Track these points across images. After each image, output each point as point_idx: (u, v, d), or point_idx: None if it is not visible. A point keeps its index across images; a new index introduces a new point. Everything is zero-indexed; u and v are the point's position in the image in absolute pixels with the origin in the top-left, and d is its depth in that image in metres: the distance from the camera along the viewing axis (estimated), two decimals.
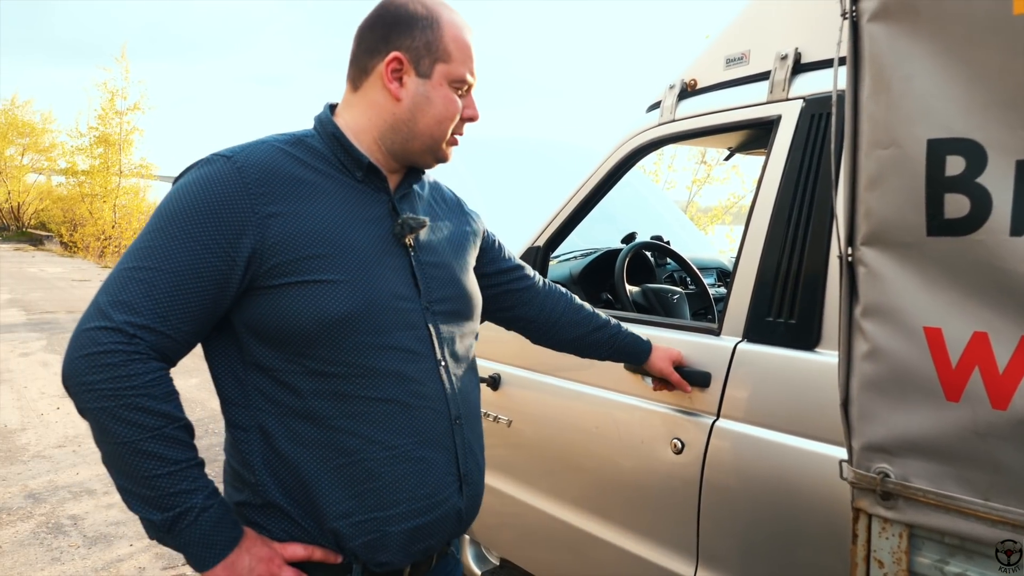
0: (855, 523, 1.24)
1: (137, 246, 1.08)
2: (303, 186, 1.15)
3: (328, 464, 1.13)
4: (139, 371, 1.02)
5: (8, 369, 6.89)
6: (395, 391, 1.16)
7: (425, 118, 1.21)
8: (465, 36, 1.22)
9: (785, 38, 1.74)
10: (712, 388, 1.71)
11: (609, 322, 1.70)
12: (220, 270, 1.07)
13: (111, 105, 23.20)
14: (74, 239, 23.52)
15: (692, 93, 1.96)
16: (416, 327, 1.20)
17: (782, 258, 1.62)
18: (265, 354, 1.13)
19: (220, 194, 1.08)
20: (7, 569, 3.16)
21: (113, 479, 1.06)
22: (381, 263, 1.18)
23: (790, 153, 1.66)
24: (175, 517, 1.04)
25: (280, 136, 1.21)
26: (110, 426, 1.02)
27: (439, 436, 1.21)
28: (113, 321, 1.03)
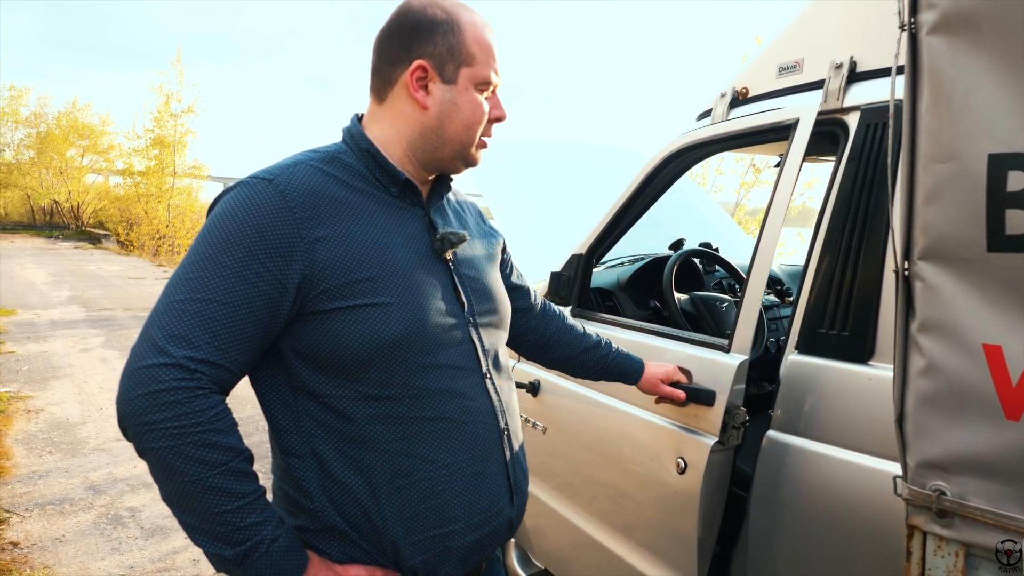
0: (909, 540, 1.22)
1: (186, 276, 1.06)
2: (345, 207, 1.13)
3: (386, 487, 1.13)
4: (203, 407, 1.01)
5: (69, 364, 7.15)
6: (447, 409, 1.16)
7: (454, 124, 1.20)
8: (486, 36, 1.20)
9: (840, 46, 1.72)
10: (717, 406, 1.70)
11: (600, 342, 1.68)
12: (272, 297, 1.06)
13: (166, 108, 23.87)
14: (130, 238, 24.24)
15: (744, 101, 1.95)
16: (462, 342, 1.20)
17: (836, 269, 1.60)
18: (316, 380, 1.12)
19: (266, 220, 1.06)
20: (70, 557, 3.29)
21: (177, 516, 1.04)
22: (426, 281, 1.17)
23: (845, 163, 1.64)
24: (247, 551, 1.03)
25: (313, 154, 1.18)
26: (177, 464, 0.99)
27: (491, 449, 1.22)
28: (172, 357, 1.00)
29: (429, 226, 1.23)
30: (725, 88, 1.99)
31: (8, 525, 3.59)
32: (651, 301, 2.49)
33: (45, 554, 3.32)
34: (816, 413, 1.60)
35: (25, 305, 10.85)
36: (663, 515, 1.79)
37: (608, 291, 2.53)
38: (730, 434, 1.66)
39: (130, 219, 25.16)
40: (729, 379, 1.66)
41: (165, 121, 24.02)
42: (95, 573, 3.16)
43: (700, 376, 1.74)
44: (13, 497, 3.94)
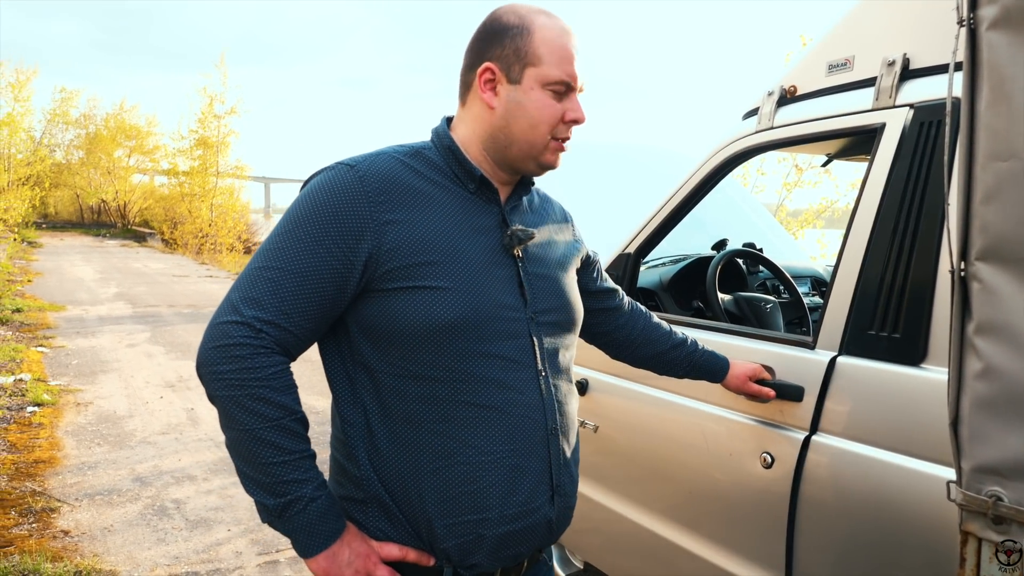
0: (963, 546, 1.20)
1: (267, 247, 1.16)
2: (418, 196, 1.20)
3: (426, 466, 1.17)
4: (263, 364, 1.10)
5: (116, 359, 7.34)
6: (493, 398, 1.19)
7: (519, 123, 1.23)
8: (559, 39, 1.22)
9: (892, 43, 1.69)
10: (806, 402, 1.68)
11: (686, 340, 1.69)
12: (339, 272, 1.13)
13: (210, 109, 24.38)
14: (174, 236, 24.79)
15: (791, 100, 1.93)
16: (519, 336, 1.23)
17: (886, 270, 1.58)
18: (372, 355, 1.19)
19: (342, 200, 1.15)
20: (118, 546, 3.38)
21: (234, 463, 1.14)
22: (489, 273, 1.21)
23: (896, 161, 1.61)
24: (286, 504, 1.11)
25: (399, 148, 1.26)
26: (235, 413, 1.09)
27: (534, 445, 1.23)
28: (243, 316, 1.10)
29: (502, 223, 1.28)
30: (772, 86, 1.96)
31: (59, 514, 3.70)
32: (694, 301, 2.47)
33: (94, 543, 3.41)
34: (865, 416, 1.57)
35: (74, 301, 11.17)
36: (748, 510, 1.78)
37: (651, 291, 2.52)
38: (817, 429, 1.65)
39: (174, 218, 25.74)
40: (819, 375, 1.65)
41: (209, 122, 24.54)
42: (142, 563, 3.24)
43: (783, 373, 1.74)
44: (64, 487, 4.06)
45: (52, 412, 5.42)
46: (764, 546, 1.75)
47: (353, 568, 1.15)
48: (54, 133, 33.01)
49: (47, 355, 7.36)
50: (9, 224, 15.97)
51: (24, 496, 3.88)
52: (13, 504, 3.77)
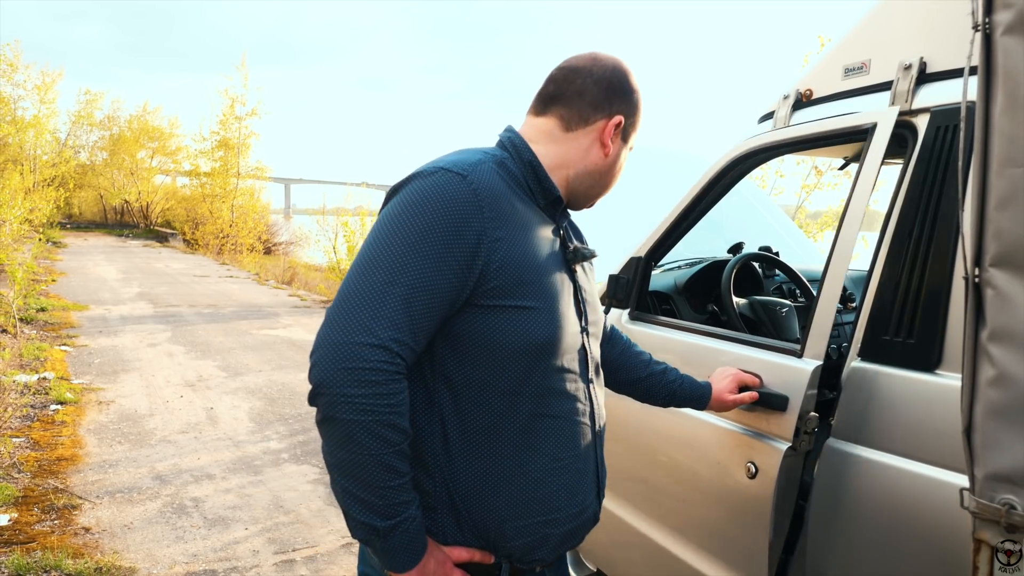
0: (976, 555, 1.19)
1: (388, 260, 1.11)
2: (515, 212, 1.21)
3: (502, 474, 1.21)
4: (397, 390, 1.09)
5: (138, 358, 7.44)
6: (563, 409, 1.26)
7: (614, 174, 1.36)
8: None
9: (909, 47, 1.68)
10: (790, 412, 1.67)
11: (666, 371, 1.69)
12: (456, 288, 1.13)
13: (231, 111, 24.62)
14: (195, 237, 25.04)
15: (807, 103, 1.92)
16: (579, 349, 1.30)
17: (902, 275, 1.57)
18: (456, 369, 1.19)
19: (462, 214, 1.14)
20: (138, 544, 3.43)
21: (340, 483, 1.11)
22: (563, 290, 1.26)
23: (912, 166, 1.60)
24: (395, 524, 1.12)
25: (486, 155, 1.26)
26: (361, 438, 1.07)
27: (588, 449, 1.31)
28: (379, 338, 1.07)
29: (563, 241, 1.33)
30: (788, 90, 1.96)
31: (80, 511, 3.76)
32: (709, 305, 2.46)
33: (114, 540, 3.46)
34: (879, 422, 1.56)
35: (97, 301, 11.32)
36: (732, 519, 1.78)
37: (665, 294, 2.51)
38: (802, 439, 1.65)
39: (195, 218, 25.99)
40: (803, 384, 1.65)
41: (230, 124, 24.78)
42: (160, 560, 3.28)
43: (771, 381, 1.73)
44: (85, 484, 4.12)
45: (75, 410, 5.51)
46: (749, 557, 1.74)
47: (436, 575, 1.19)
48: (79, 135, 33.51)
49: (70, 354, 7.47)
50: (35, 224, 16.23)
51: (47, 493, 3.94)
52: (36, 501, 3.84)
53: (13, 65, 24.27)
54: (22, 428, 5.00)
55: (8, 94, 24.48)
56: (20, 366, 6.62)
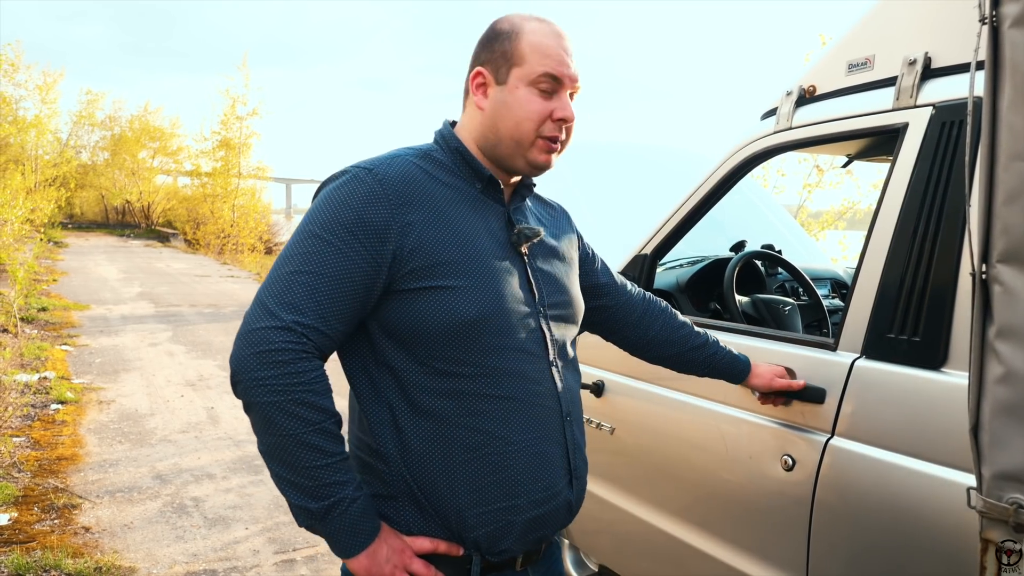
0: (983, 555, 1.17)
1: (296, 251, 1.17)
2: (435, 197, 1.23)
3: (456, 458, 1.20)
4: (306, 368, 1.11)
5: (139, 358, 7.43)
6: (515, 389, 1.23)
7: (504, 122, 1.25)
8: (545, 38, 1.25)
9: (913, 42, 1.67)
10: (827, 405, 1.66)
11: (708, 340, 1.68)
12: (368, 273, 1.16)
13: (232, 111, 24.60)
14: (196, 236, 25.04)
15: (810, 100, 1.91)
16: (532, 329, 1.27)
17: (906, 272, 1.55)
18: (397, 354, 1.21)
19: (365, 203, 1.17)
20: (138, 543, 3.42)
21: (271, 469, 1.14)
22: (502, 269, 1.25)
23: (917, 162, 1.58)
24: (329, 506, 1.12)
25: (409, 150, 1.29)
26: (277, 419, 1.09)
27: (553, 432, 1.28)
28: (283, 321, 1.11)
29: (508, 222, 1.31)
30: (791, 86, 1.94)
31: (81, 510, 3.75)
32: (711, 303, 2.45)
33: (114, 539, 3.45)
34: (884, 420, 1.55)
35: (98, 300, 11.32)
36: (768, 513, 1.76)
37: (667, 292, 2.50)
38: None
39: (197, 218, 26.00)
40: (841, 377, 1.63)
41: (231, 124, 24.77)
42: (161, 560, 3.27)
43: (804, 374, 1.72)
44: (85, 484, 4.11)
45: (75, 410, 5.50)
46: (784, 549, 1.73)
47: (391, 564, 1.17)
48: (80, 135, 33.52)
49: (71, 353, 7.47)
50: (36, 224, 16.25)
51: (47, 492, 3.94)
52: (36, 500, 3.83)
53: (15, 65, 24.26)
54: (23, 427, 5.00)
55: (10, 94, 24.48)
56: (21, 365, 6.61)
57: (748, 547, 1.83)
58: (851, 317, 1.66)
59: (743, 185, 3.58)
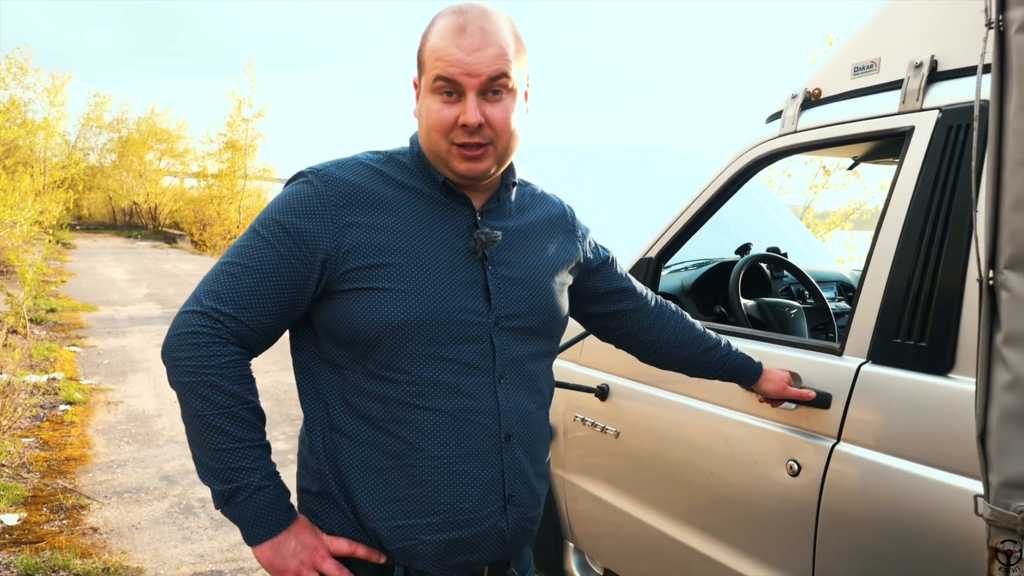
0: (991, 563, 1.17)
1: (235, 245, 1.21)
2: (382, 200, 1.21)
3: (374, 464, 1.20)
4: (218, 352, 1.13)
5: (146, 359, 7.46)
6: (444, 402, 1.19)
7: (422, 132, 1.23)
8: (442, 38, 1.15)
9: (919, 45, 1.66)
10: (833, 410, 1.65)
11: (720, 342, 1.64)
12: (298, 271, 1.16)
13: (238, 112, 24.66)
14: (203, 238, 25.10)
15: (816, 103, 1.90)
16: (478, 340, 1.21)
17: (913, 276, 1.54)
18: (336, 353, 1.21)
19: (303, 204, 1.18)
20: (145, 544, 3.43)
21: (190, 449, 1.17)
22: (450, 276, 1.20)
23: (924, 166, 1.58)
24: (232, 491, 1.13)
25: (372, 154, 1.28)
26: (189, 399, 1.14)
27: (484, 452, 1.21)
28: (203, 306, 1.15)
29: (473, 226, 1.25)
30: (796, 89, 1.94)
31: (89, 511, 3.77)
32: (716, 307, 2.44)
33: (122, 540, 3.47)
34: (890, 426, 1.54)
35: (106, 301, 11.37)
36: (773, 518, 1.75)
37: (672, 295, 2.49)
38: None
39: (203, 220, 26.07)
40: (847, 382, 1.62)
41: (237, 125, 24.82)
42: (168, 560, 3.28)
43: (810, 379, 1.71)
44: (94, 484, 4.13)
45: (83, 411, 5.52)
46: (790, 555, 1.72)
47: (299, 559, 1.16)
48: (88, 137, 33.66)
49: (79, 354, 7.50)
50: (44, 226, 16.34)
51: (55, 493, 3.96)
52: (45, 501, 3.85)
53: (23, 68, 24.34)
54: (31, 428, 5.02)
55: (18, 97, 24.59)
56: (30, 366, 6.65)
57: (753, 552, 1.82)
58: (857, 321, 1.66)
59: (749, 187, 3.57)
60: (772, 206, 3.68)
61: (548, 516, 2.55)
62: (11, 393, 5.32)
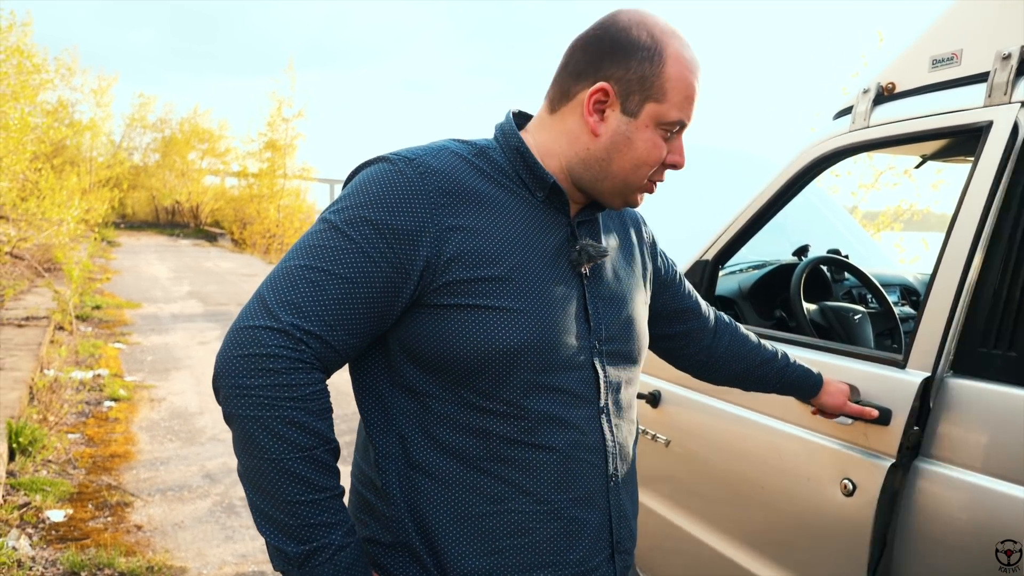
0: None
1: (309, 243, 1.00)
2: (484, 200, 1.05)
3: (469, 511, 1.03)
4: (301, 381, 0.94)
5: (188, 356, 7.55)
6: (554, 438, 1.05)
7: (622, 160, 1.07)
8: (690, 74, 1.06)
9: (1006, 35, 1.56)
10: (894, 425, 1.55)
11: (777, 355, 1.53)
12: (393, 281, 0.99)
13: (278, 112, 24.98)
14: (243, 236, 25.48)
15: (889, 97, 1.80)
16: (582, 368, 1.08)
17: (1003, 283, 1.44)
18: (418, 378, 1.04)
19: (400, 198, 1.00)
20: (188, 542, 3.44)
21: (248, 497, 0.97)
22: (557, 293, 1.07)
23: (1010, 163, 1.47)
24: (311, 552, 0.94)
25: (461, 143, 1.12)
26: (259, 438, 0.92)
27: (594, 495, 1.10)
28: (280, 322, 0.94)
29: (571, 237, 1.12)
30: (868, 84, 1.84)
31: (133, 508, 3.79)
32: (776, 311, 2.35)
33: (166, 538, 3.48)
34: (977, 441, 1.44)
35: (149, 299, 11.56)
36: (825, 539, 1.67)
37: (729, 299, 2.41)
38: (905, 455, 1.52)
39: (243, 218, 26.45)
40: (909, 397, 1.52)
41: (277, 125, 25.15)
42: (211, 560, 3.29)
43: (869, 392, 1.62)
44: (138, 481, 4.17)
45: (127, 407, 5.59)
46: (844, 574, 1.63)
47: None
48: (132, 137, 34.40)
49: (123, 351, 7.62)
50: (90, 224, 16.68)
51: (100, 490, 3.99)
52: (90, 497, 3.88)
53: (71, 69, 25.01)
54: (77, 424, 5.10)
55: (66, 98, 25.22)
56: (76, 363, 6.77)
57: (798, 570, 1.74)
58: (923, 331, 1.56)
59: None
60: (827, 206, 3.55)
61: None
62: (58, 389, 5.42)
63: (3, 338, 6.92)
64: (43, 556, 3.21)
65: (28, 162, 14.05)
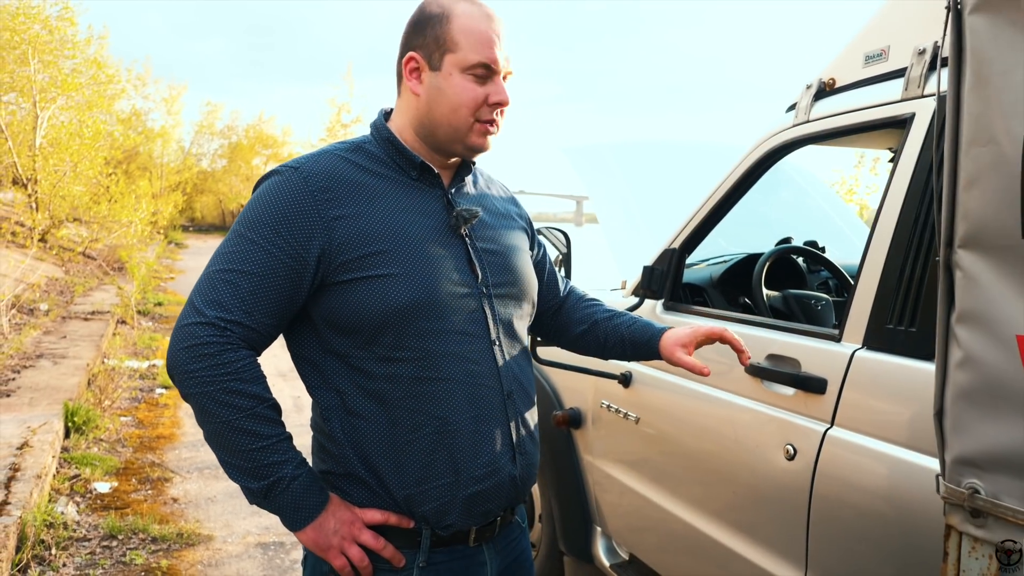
0: (946, 540, 1.18)
1: (222, 251, 1.23)
2: (362, 189, 1.26)
3: (399, 439, 1.25)
4: (231, 359, 1.17)
5: None
6: (452, 371, 1.26)
7: (440, 108, 1.27)
8: (477, 24, 1.26)
9: (926, 31, 1.65)
10: (828, 395, 1.66)
11: (613, 315, 1.60)
12: (294, 269, 1.20)
13: (337, 118, 25.79)
14: None
15: (829, 93, 1.90)
16: (473, 310, 1.29)
17: (905, 263, 1.55)
18: (339, 342, 1.25)
19: (290, 202, 1.21)
20: (217, 515, 3.71)
21: (216, 455, 1.21)
22: (438, 254, 1.27)
23: (921, 153, 1.57)
24: (269, 485, 1.18)
25: (340, 144, 1.34)
26: (210, 408, 1.16)
27: (493, 411, 1.30)
28: (207, 317, 1.17)
29: (448, 205, 1.33)
30: (812, 80, 1.94)
31: (172, 483, 4.10)
32: (741, 298, 2.45)
33: (198, 510, 3.76)
34: (884, 411, 1.54)
35: None
36: (771, 502, 1.78)
37: (699, 287, 2.52)
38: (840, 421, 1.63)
39: None
40: (843, 367, 1.64)
41: (336, 131, 25.92)
42: (236, 530, 3.54)
43: (808, 364, 1.73)
44: (179, 460, 4.48)
45: (176, 395, 5.95)
46: (784, 538, 1.74)
47: (339, 535, 1.23)
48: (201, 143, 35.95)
49: None
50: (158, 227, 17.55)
51: (144, 467, 4.32)
52: (135, 473, 4.21)
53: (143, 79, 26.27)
54: (130, 408, 5.48)
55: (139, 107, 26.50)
56: (133, 353, 7.21)
57: (754, 535, 1.85)
58: (855, 308, 1.66)
59: (803, 181, 3.52)
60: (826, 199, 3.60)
61: (577, 500, 2.62)
62: (114, 376, 5.82)
63: (69, 330, 7.43)
64: (87, 521, 3.52)
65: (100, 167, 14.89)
